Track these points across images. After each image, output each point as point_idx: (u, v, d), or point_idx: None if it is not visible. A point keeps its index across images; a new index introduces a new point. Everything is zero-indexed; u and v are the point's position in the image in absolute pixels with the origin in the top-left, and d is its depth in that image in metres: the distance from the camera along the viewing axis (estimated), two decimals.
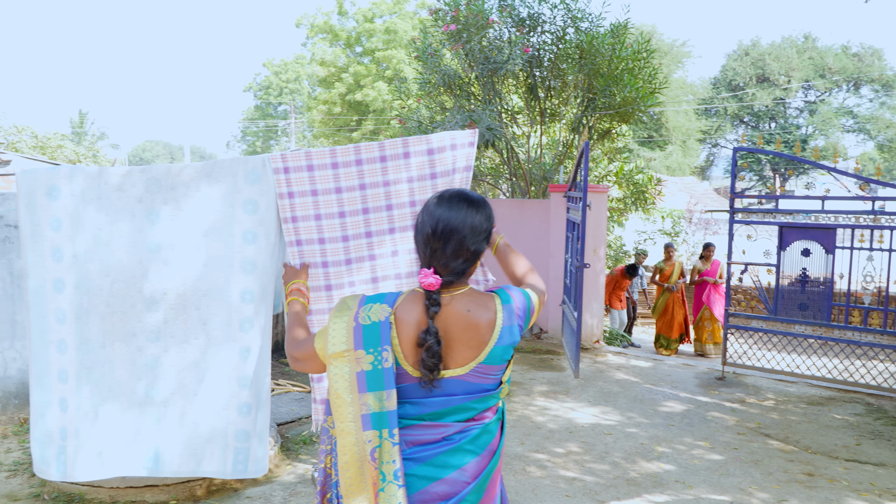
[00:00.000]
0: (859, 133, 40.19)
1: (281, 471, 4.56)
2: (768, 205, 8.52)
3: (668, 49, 34.31)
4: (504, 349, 1.88)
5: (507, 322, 1.88)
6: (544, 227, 8.89)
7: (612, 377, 7.35)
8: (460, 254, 1.85)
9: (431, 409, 1.85)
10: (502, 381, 1.95)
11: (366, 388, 1.79)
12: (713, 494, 4.34)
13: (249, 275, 2.90)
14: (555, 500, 4.21)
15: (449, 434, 1.86)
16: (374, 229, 2.86)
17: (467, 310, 1.86)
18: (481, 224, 1.89)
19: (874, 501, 4.29)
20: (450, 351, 1.84)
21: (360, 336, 1.81)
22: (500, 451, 1.98)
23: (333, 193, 2.81)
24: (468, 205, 1.88)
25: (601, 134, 10.27)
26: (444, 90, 9.93)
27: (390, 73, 28.43)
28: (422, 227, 1.89)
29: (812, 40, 39.76)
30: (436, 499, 1.84)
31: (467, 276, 1.91)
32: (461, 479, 1.86)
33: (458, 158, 2.86)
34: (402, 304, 1.86)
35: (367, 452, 1.78)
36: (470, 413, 1.89)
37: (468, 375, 1.86)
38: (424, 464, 1.84)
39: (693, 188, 27.20)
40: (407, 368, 1.83)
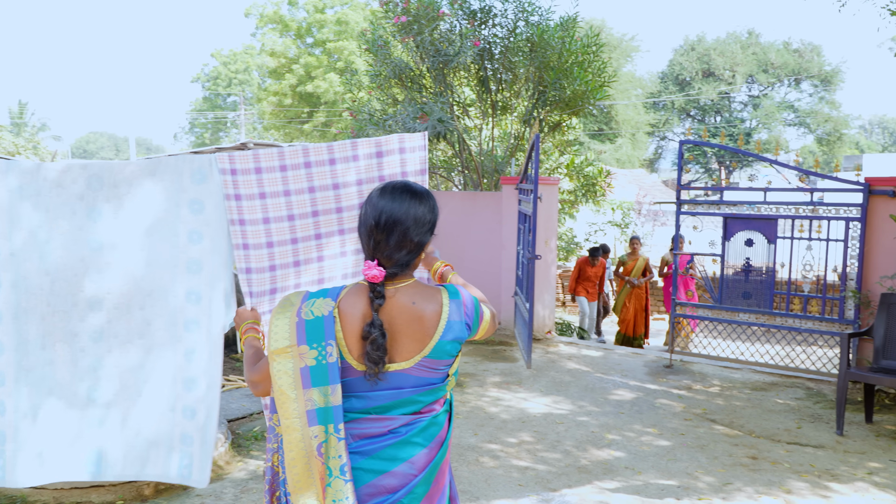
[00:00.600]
0: (800, 127, 41.47)
1: (232, 467, 4.50)
2: (714, 196, 8.76)
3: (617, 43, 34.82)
4: (450, 344, 1.87)
5: (453, 317, 1.87)
6: (496, 219, 8.95)
7: (564, 367, 7.45)
8: (404, 245, 1.85)
9: (377, 402, 1.85)
10: (449, 374, 1.95)
11: (310, 384, 1.78)
12: (661, 479, 4.45)
13: (195, 275, 2.84)
14: (507, 489, 4.26)
15: (395, 427, 1.86)
16: (324, 231, 2.83)
17: (412, 302, 1.85)
18: (425, 215, 1.89)
19: (814, 482, 4.45)
20: (395, 344, 1.84)
21: (304, 331, 1.79)
22: (448, 443, 1.99)
23: (282, 196, 2.77)
24: (411, 196, 1.88)
25: (552, 126, 10.37)
26: (396, 82, 9.90)
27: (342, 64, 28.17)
28: (365, 219, 1.88)
29: (755, 36, 40.79)
30: (383, 492, 1.84)
31: (412, 268, 1.90)
32: (409, 472, 1.87)
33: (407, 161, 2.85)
34: (346, 298, 1.84)
35: (314, 448, 1.77)
36: (417, 406, 1.89)
37: (413, 369, 1.85)
38: (371, 457, 1.84)
39: (642, 180, 27.70)
40: (352, 362, 1.82)
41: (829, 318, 6.95)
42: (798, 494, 4.25)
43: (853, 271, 6.77)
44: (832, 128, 39.55)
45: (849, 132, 42.57)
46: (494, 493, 4.20)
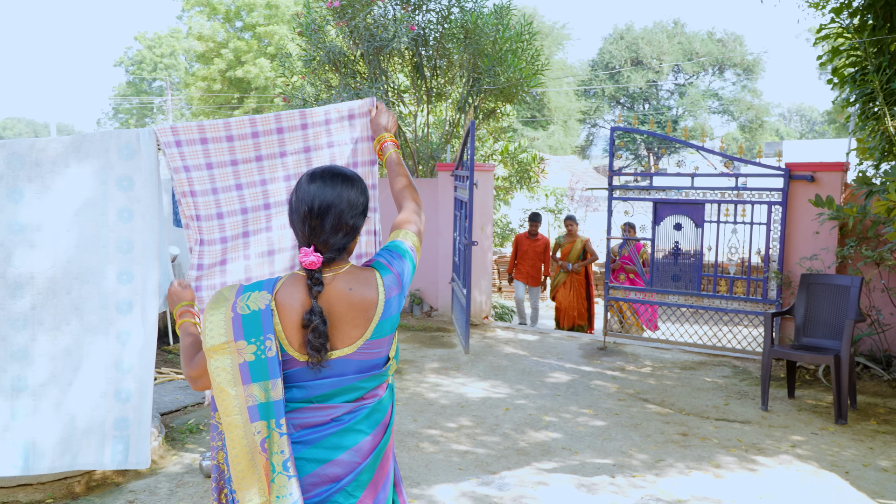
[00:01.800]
0: (724, 114, 42.95)
1: (166, 461, 4.39)
2: (644, 182, 9.00)
3: (549, 31, 35.22)
4: (391, 320, 1.88)
5: (389, 294, 1.88)
6: (432, 206, 8.95)
7: (502, 351, 7.54)
8: (340, 228, 1.84)
9: (319, 391, 1.83)
10: (390, 356, 1.95)
11: (250, 380, 1.75)
12: (597, 458, 4.56)
13: (126, 255, 2.75)
14: (448, 473, 4.29)
15: (338, 415, 1.85)
16: (273, 200, 2.79)
17: (349, 288, 1.84)
18: (357, 198, 1.88)
19: (741, 456, 4.64)
20: (335, 331, 1.82)
21: (240, 326, 1.75)
22: (392, 428, 1.99)
23: (229, 166, 2.71)
24: (342, 180, 1.87)
25: (486, 113, 10.42)
26: (330, 67, 9.75)
27: (273, 49, 27.59)
28: (297, 207, 1.85)
29: (681, 26, 41.92)
30: (327, 481, 1.83)
31: (348, 252, 1.90)
32: (353, 460, 1.86)
33: (356, 128, 2.82)
34: (283, 289, 1.82)
35: (257, 444, 1.75)
36: (359, 392, 1.88)
37: (356, 354, 1.85)
38: (314, 446, 1.83)
39: (574, 167, 28.17)
40: (293, 354, 1.80)
41: (754, 298, 7.23)
42: (726, 468, 4.43)
43: (775, 253, 7.06)
44: (754, 115, 41.12)
45: (770, 120, 44.31)
46: (435, 477, 4.22)
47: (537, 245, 9.39)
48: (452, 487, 4.09)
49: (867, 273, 6.61)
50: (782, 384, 6.25)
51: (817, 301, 5.85)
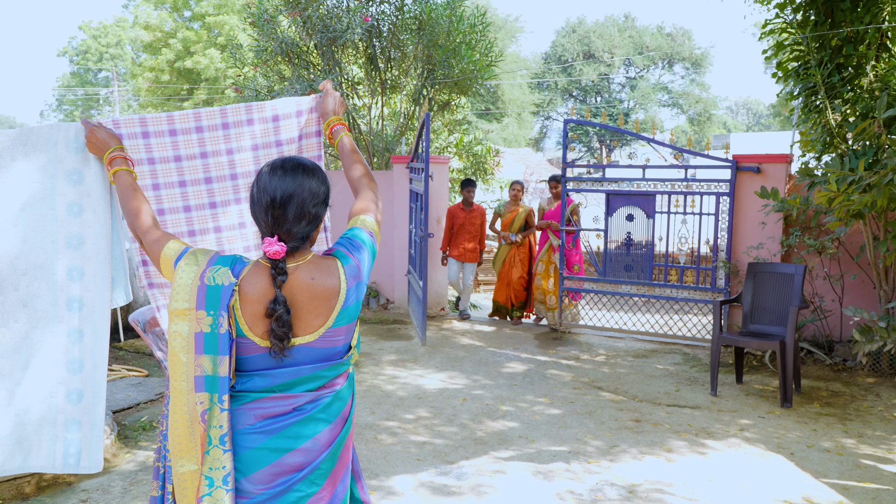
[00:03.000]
0: (673, 107, 43.75)
1: (119, 460, 4.31)
2: (597, 174, 9.11)
3: (502, 24, 35.33)
4: (352, 308, 1.91)
5: (351, 283, 1.90)
6: (388, 199, 8.93)
7: (458, 343, 7.58)
8: (302, 217, 1.86)
9: (281, 379, 1.85)
10: (351, 345, 1.98)
11: (202, 350, 1.78)
12: (553, 446, 4.63)
13: (76, 250, 2.68)
14: (406, 464, 4.31)
15: (300, 404, 1.87)
16: (219, 199, 2.75)
17: (311, 278, 1.86)
18: (319, 187, 1.91)
19: (692, 440, 4.76)
20: (298, 320, 1.84)
21: (203, 296, 1.78)
22: (352, 418, 2.01)
23: (172, 162, 2.66)
24: (303, 170, 1.90)
25: (441, 106, 10.43)
26: (283, 59, 9.63)
27: (223, 39, 27.07)
28: (259, 198, 1.87)
29: (631, 20, 42.52)
30: (289, 470, 1.85)
31: (311, 241, 1.92)
32: (314, 448, 1.88)
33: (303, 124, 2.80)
34: (247, 277, 1.83)
35: (198, 414, 1.78)
36: (320, 381, 1.90)
37: (318, 342, 1.87)
38: (276, 436, 1.84)
39: (528, 159, 28.39)
40: (255, 339, 1.81)
41: (703, 287, 7.41)
42: (678, 452, 4.54)
43: (724, 243, 7.24)
44: (702, 108, 41.99)
45: (717, 113, 45.29)
46: (393, 468, 4.24)
47: (473, 216, 8.57)
48: (411, 478, 4.11)
49: (810, 261, 6.84)
50: (731, 370, 6.43)
51: (763, 289, 6.03)
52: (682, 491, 3.97)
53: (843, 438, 4.81)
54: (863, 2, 6.05)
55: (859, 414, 5.33)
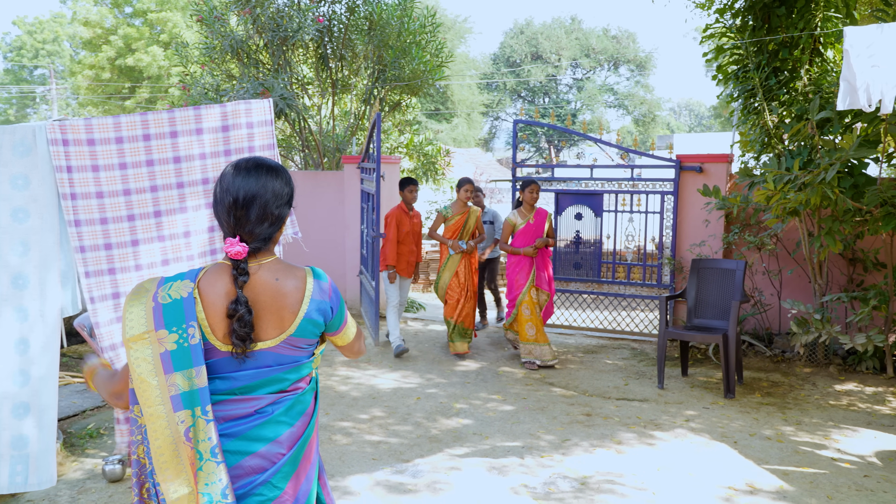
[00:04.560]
0: (619, 108, 44.57)
1: (66, 468, 4.21)
2: (545, 174, 9.25)
3: (452, 24, 35.46)
4: (314, 323, 1.90)
5: (317, 296, 1.90)
6: (339, 199, 8.91)
7: (412, 342, 7.61)
8: (266, 218, 1.86)
9: (243, 382, 1.84)
10: (315, 352, 1.97)
11: (172, 369, 1.74)
12: (507, 442, 4.71)
13: (22, 258, 2.62)
14: (361, 464, 4.33)
15: (262, 406, 1.86)
16: (164, 208, 2.71)
17: (275, 278, 1.86)
18: (282, 188, 1.90)
19: (641, 432, 4.90)
20: (260, 322, 1.83)
21: (161, 315, 1.75)
22: (316, 419, 2.01)
23: (117, 169, 2.62)
24: (267, 171, 1.89)
25: (392, 106, 10.44)
26: (231, 57, 9.50)
27: (166, 37, 26.49)
28: (223, 198, 1.86)
29: (578, 22, 43.19)
30: (250, 472, 1.84)
31: (274, 242, 1.91)
32: (276, 451, 1.87)
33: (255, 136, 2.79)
34: (206, 278, 1.82)
35: (181, 433, 1.74)
36: (283, 384, 1.89)
37: (279, 347, 1.86)
38: (237, 438, 1.83)
39: (478, 159, 28.56)
40: (216, 343, 1.80)
41: (649, 283, 7.62)
42: (627, 444, 4.67)
43: (668, 240, 7.45)
44: (647, 110, 42.91)
45: (661, 114, 46.33)
46: (349, 468, 4.25)
47: (416, 223, 7.24)
48: (367, 477, 4.13)
49: (750, 257, 7.09)
50: (677, 363, 6.63)
51: (707, 284, 6.23)
52: (631, 481, 4.09)
53: (782, 426, 5.01)
54: (797, 8, 6.31)
55: (797, 402, 5.56)
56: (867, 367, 6.35)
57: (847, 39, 4.92)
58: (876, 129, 5.63)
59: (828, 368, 6.48)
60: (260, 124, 2.76)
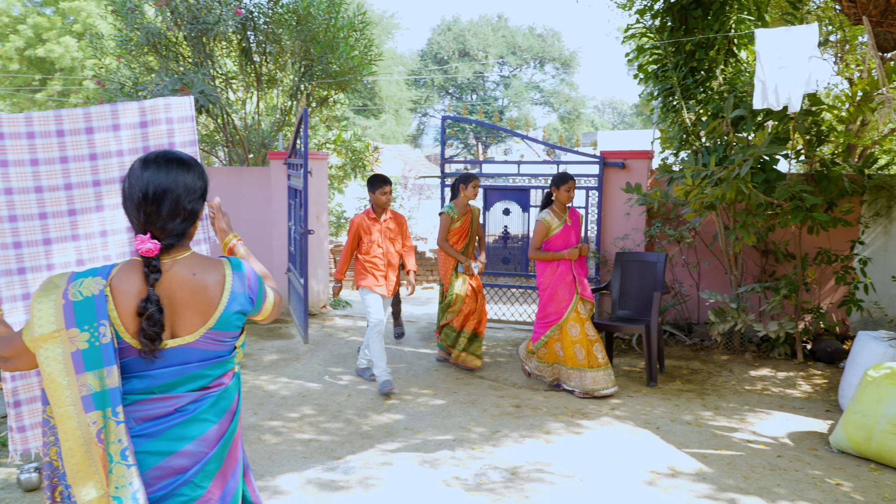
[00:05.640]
0: (545, 105, 45.37)
1: None
2: (474, 170, 9.30)
3: (379, 20, 35.28)
4: (235, 315, 1.87)
5: (237, 287, 1.88)
6: (265, 195, 8.76)
7: (341, 339, 7.57)
8: (177, 213, 1.81)
9: (161, 380, 1.80)
10: (236, 346, 1.95)
11: (83, 368, 1.69)
12: (438, 435, 4.75)
13: None
14: (292, 463, 4.28)
15: (182, 405, 1.82)
16: (79, 207, 2.61)
17: (192, 273, 1.82)
18: (195, 182, 1.86)
19: (568, 421, 5.02)
20: (178, 318, 1.80)
21: (72, 313, 1.69)
22: (239, 416, 1.98)
23: (28, 165, 2.51)
24: (178, 164, 1.84)
25: (319, 101, 10.33)
26: (149, 50, 9.20)
27: (80, 27, 25.40)
28: (131, 193, 1.80)
29: (504, 20, 43.69)
30: (172, 473, 1.80)
31: (188, 238, 1.88)
32: (199, 450, 1.84)
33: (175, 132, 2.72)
34: (119, 275, 1.77)
35: (93, 434, 1.69)
36: (205, 381, 1.86)
37: (199, 342, 1.83)
38: (157, 438, 1.79)
39: (407, 155, 28.55)
40: (130, 342, 1.75)
41: None
42: (556, 434, 4.78)
43: (593, 234, 7.64)
44: (572, 107, 43.80)
45: (586, 112, 47.40)
46: (279, 468, 4.20)
47: (391, 228, 5.94)
48: (297, 476, 4.09)
49: (670, 250, 7.36)
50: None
51: (630, 277, 6.43)
52: (560, 469, 4.19)
53: (701, 411, 5.22)
54: (713, 11, 6.57)
55: (715, 388, 5.81)
56: (779, 353, 6.68)
57: (758, 42, 5.17)
58: (786, 127, 5.92)
59: (743, 355, 6.79)
60: (180, 120, 2.69)
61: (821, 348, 6.61)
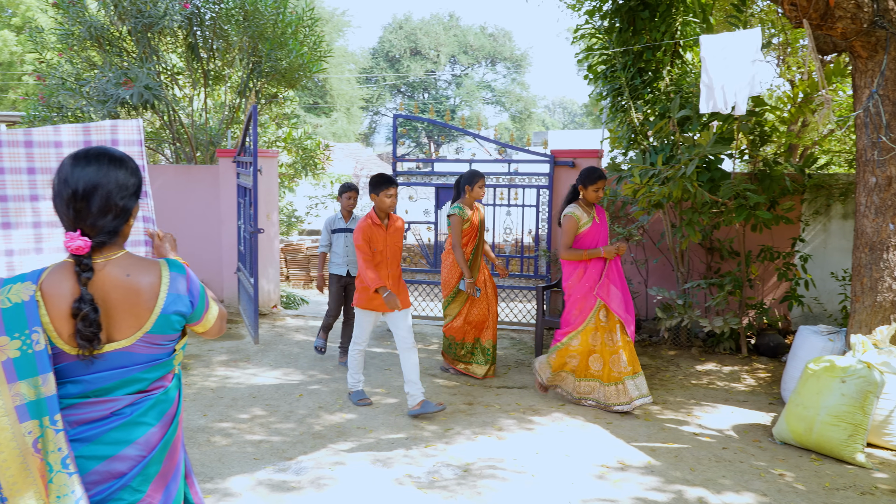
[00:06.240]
0: (496, 105, 45.65)
1: None
2: (426, 168, 9.29)
3: (329, 17, 34.97)
4: (174, 317, 1.83)
5: (174, 289, 1.83)
6: (214, 194, 8.60)
7: (292, 339, 7.48)
8: (108, 210, 1.77)
9: (97, 384, 1.75)
10: (176, 348, 1.91)
11: (16, 377, 1.63)
12: (391, 434, 4.73)
13: None
14: (243, 464, 4.22)
15: (119, 408, 1.78)
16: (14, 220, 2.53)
17: (126, 274, 1.78)
18: (127, 178, 1.82)
19: (520, 418, 5.06)
20: (111, 321, 1.75)
21: (1, 321, 1.64)
22: (180, 418, 1.95)
23: None
24: (109, 160, 1.80)
25: (268, 99, 10.19)
26: (92, 44, 8.93)
27: (18, 20, 24.54)
28: (61, 190, 1.75)
29: (456, 19, 43.81)
30: (109, 477, 1.76)
31: (121, 236, 1.83)
32: (138, 454, 1.80)
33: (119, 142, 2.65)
34: (49, 278, 1.71)
35: (29, 445, 1.64)
36: (142, 384, 1.82)
37: (136, 346, 1.78)
38: (93, 443, 1.75)
39: (358, 154, 28.38)
40: (63, 347, 1.70)
41: (527, 274, 7.86)
42: (508, 430, 4.81)
43: (544, 233, 7.72)
44: (523, 107, 44.18)
45: (537, 111, 47.87)
46: (229, 470, 4.13)
47: (397, 235, 5.21)
48: (248, 478, 4.03)
49: None
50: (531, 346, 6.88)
51: None
52: (512, 465, 4.22)
53: (649, 406, 5.32)
54: (660, 13, 6.70)
55: (663, 383, 5.92)
56: (724, 347, 6.85)
57: (703, 48, 5.29)
58: (730, 127, 6.07)
59: (690, 350, 6.94)
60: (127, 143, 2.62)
61: (764, 343, 6.81)
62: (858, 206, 4.92)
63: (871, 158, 4.80)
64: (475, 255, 5.96)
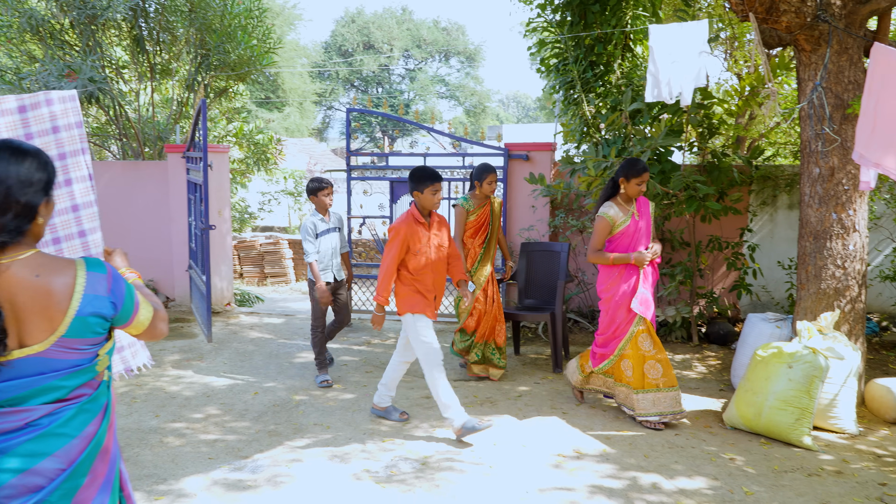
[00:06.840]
0: (451, 99, 45.64)
1: None
2: (381, 163, 9.22)
3: (280, 10, 34.46)
4: (93, 319, 1.73)
5: (91, 290, 1.74)
6: (163, 190, 8.41)
7: (247, 337, 7.37)
8: (8, 207, 1.67)
9: (8, 394, 1.66)
10: (99, 353, 1.81)
11: None
12: (348, 429, 4.70)
13: None
14: (197, 464, 4.14)
15: (34, 419, 1.69)
16: None
17: (35, 274, 1.68)
18: (31, 174, 1.72)
19: (477, 409, 5.07)
20: (23, 325, 1.66)
21: None
22: (108, 428, 1.85)
23: None
24: (11, 153, 1.70)
25: (218, 93, 10.01)
26: (32, 36, 8.64)
27: None
28: None
29: (409, 13, 43.65)
30: (24, 492, 1.67)
31: (29, 235, 1.73)
32: (56, 467, 1.71)
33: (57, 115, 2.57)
34: None
35: None
36: (60, 392, 1.72)
37: (50, 351, 1.69)
38: (7, 455, 1.66)
39: (312, 149, 28.11)
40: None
41: None
42: None
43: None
44: (477, 101, 44.29)
45: (491, 105, 48.00)
46: (183, 470, 4.05)
47: (441, 234, 4.88)
48: (203, 478, 3.96)
49: (574, 240, 7.55)
50: (510, 342, 6.92)
51: (535, 266, 6.56)
52: (469, 457, 4.23)
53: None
54: (610, 7, 6.77)
55: None
56: (676, 336, 6.99)
57: (651, 37, 5.36)
58: (679, 120, 6.18)
59: None
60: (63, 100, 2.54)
61: (714, 331, 6.96)
62: (803, 196, 5.06)
63: (814, 150, 4.94)
64: (485, 250, 5.82)
